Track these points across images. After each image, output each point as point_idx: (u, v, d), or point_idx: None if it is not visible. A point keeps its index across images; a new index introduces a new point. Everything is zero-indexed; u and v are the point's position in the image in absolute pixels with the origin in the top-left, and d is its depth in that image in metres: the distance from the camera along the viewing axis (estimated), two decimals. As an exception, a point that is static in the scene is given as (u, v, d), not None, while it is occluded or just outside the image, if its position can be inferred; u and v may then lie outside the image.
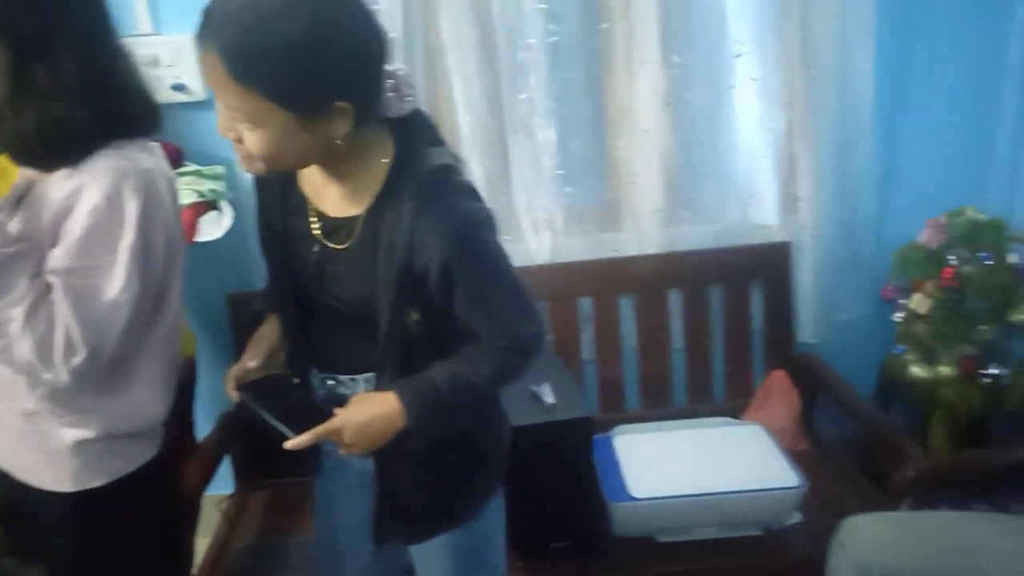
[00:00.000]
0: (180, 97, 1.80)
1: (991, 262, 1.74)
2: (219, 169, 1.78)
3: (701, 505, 1.56)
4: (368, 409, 0.99)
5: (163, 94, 1.77)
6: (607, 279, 2.00)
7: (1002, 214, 1.90)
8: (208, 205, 1.74)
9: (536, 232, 1.98)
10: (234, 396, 1.04)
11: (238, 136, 0.89)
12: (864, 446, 1.94)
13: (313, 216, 1.01)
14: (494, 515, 1.18)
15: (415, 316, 0.97)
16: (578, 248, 2.02)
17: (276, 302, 1.11)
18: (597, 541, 1.62)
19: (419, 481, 1.08)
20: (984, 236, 1.75)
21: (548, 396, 1.59)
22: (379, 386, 1.02)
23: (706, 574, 1.59)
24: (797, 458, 1.72)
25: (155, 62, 1.76)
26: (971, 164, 2.03)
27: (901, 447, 1.59)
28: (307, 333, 1.08)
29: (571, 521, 1.60)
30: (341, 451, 0.99)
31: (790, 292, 2.02)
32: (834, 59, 1.82)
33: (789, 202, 1.99)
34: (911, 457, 1.53)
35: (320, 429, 0.95)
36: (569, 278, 1.99)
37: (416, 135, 0.99)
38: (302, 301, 1.06)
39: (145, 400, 1.08)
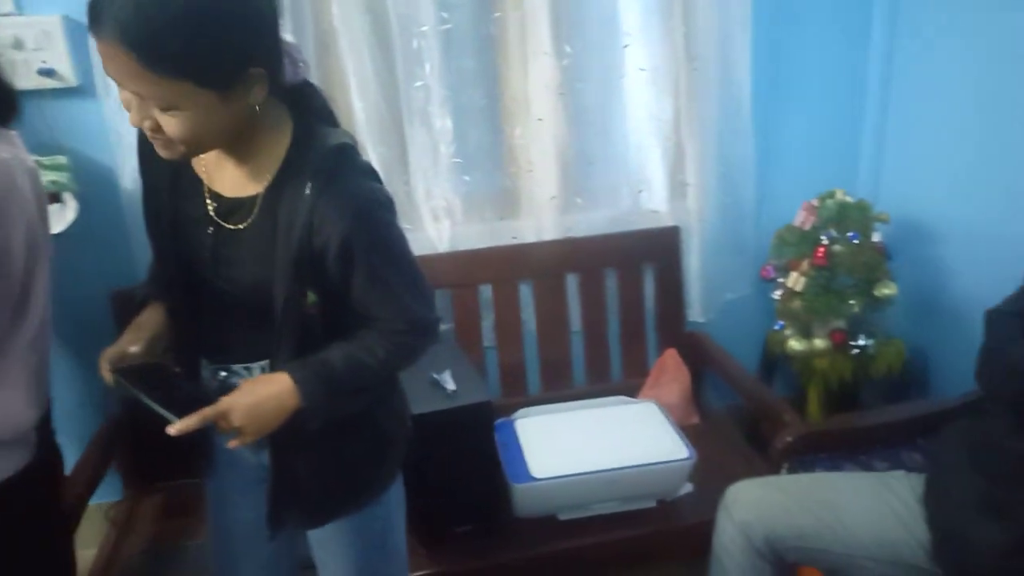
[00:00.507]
0: (49, 83, 1.69)
1: (858, 241, 1.88)
2: (61, 159, 1.68)
3: (599, 482, 1.62)
4: (258, 390, 0.97)
5: (30, 80, 1.66)
6: (507, 266, 2.03)
7: (868, 197, 2.06)
8: (51, 197, 1.63)
9: (436, 221, 1.98)
10: (108, 378, 0.98)
11: (154, 125, 0.85)
12: (749, 417, 2.06)
13: (208, 197, 0.98)
14: (395, 500, 1.19)
15: (313, 299, 0.96)
16: (478, 236, 2.03)
17: (163, 289, 1.07)
18: (499, 523, 1.66)
19: (317, 464, 1.07)
20: (852, 217, 1.89)
21: (449, 383, 1.60)
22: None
23: (604, 548, 1.65)
24: (688, 431, 1.81)
25: (18, 45, 1.64)
26: (840, 151, 2.19)
27: (781, 416, 1.71)
28: (197, 321, 1.04)
29: (473, 505, 1.63)
30: (231, 444, 0.96)
31: (679, 274, 2.11)
32: (715, 51, 1.92)
33: (677, 188, 2.08)
34: (789, 424, 1.65)
35: (207, 411, 0.92)
36: (469, 266, 2.01)
37: (314, 114, 0.98)
38: (192, 287, 1.02)
39: (12, 405, 1.02)
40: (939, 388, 2.04)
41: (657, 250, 2.10)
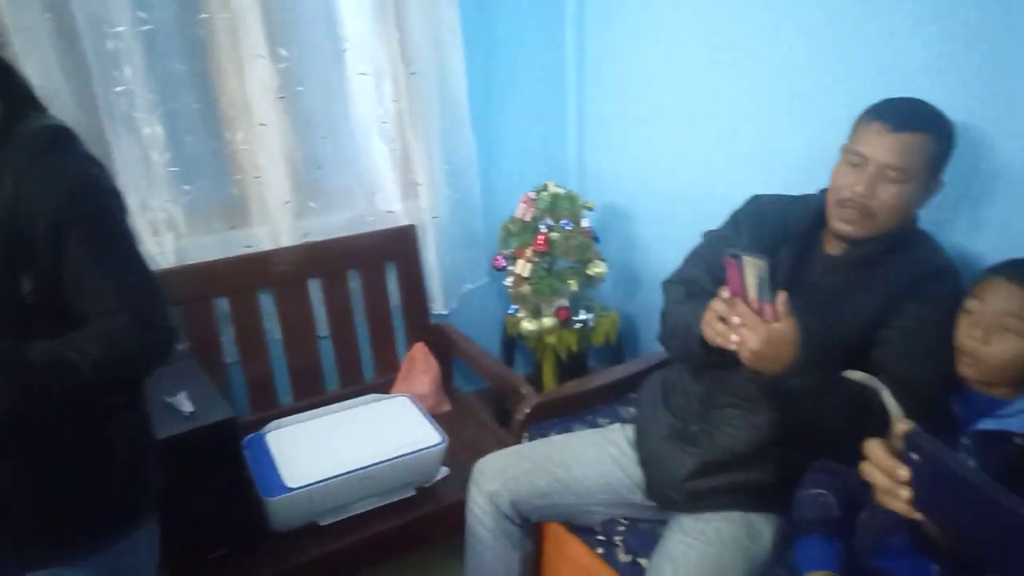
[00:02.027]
0: None
1: (570, 228, 2.11)
2: None
3: (355, 481, 1.65)
4: None
5: None
6: (243, 276, 1.96)
7: (577, 187, 2.31)
8: None
9: (156, 234, 1.85)
10: None
11: None
12: (496, 396, 2.22)
13: None
14: (145, 549, 1.10)
15: (28, 286, 0.87)
16: (207, 247, 1.93)
17: None
18: (256, 541, 1.61)
19: (24, 478, 0.95)
20: (563, 207, 2.11)
21: (186, 405, 1.52)
22: None
23: (368, 544, 1.68)
24: (441, 419, 1.90)
25: None
26: (551, 146, 2.43)
27: (519, 390, 1.87)
28: None
29: (226, 527, 1.57)
30: None
31: (420, 270, 2.20)
32: (430, 56, 2.02)
33: (409, 188, 2.16)
34: (526, 397, 1.81)
35: None
36: (201, 279, 1.90)
37: (24, 98, 0.93)
38: None
39: None
40: (647, 349, 2.37)
41: (396, 249, 2.16)
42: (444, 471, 1.84)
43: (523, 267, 2.11)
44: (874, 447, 0.76)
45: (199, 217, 1.94)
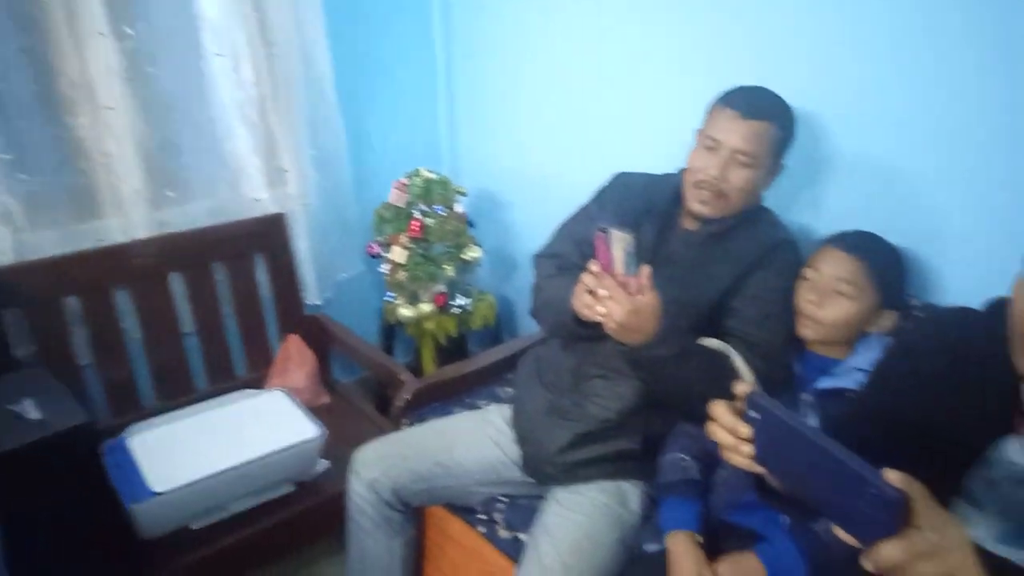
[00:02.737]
0: None
1: (444, 213, 2.11)
2: None
3: (228, 479, 1.58)
4: None
5: None
6: (95, 272, 1.82)
7: (451, 172, 2.32)
8: None
9: (-11, 228, 1.69)
10: None
11: None
12: (376, 385, 2.20)
13: None
14: None
15: None
16: (52, 242, 1.79)
17: None
18: (125, 552, 1.52)
19: None
20: (436, 192, 2.11)
21: (32, 412, 1.40)
22: None
23: (247, 544, 1.62)
24: (319, 411, 1.86)
25: None
26: (423, 131, 2.42)
27: (398, 377, 1.86)
28: None
29: (87, 541, 1.46)
30: None
31: (291, 260, 2.13)
32: (292, 37, 1.95)
33: (276, 175, 2.09)
34: (405, 383, 1.81)
35: None
36: (46, 277, 1.75)
37: None
38: None
39: None
40: (525, 330, 2.42)
41: (265, 238, 2.08)
42: (324, 464, 1.80)
43: (398, 254, 2.09)
44: (718, 408, 0.82)
45: (41, 209, 1.79)
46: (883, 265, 1.33)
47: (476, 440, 1.56)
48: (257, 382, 2.06)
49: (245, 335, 2.11)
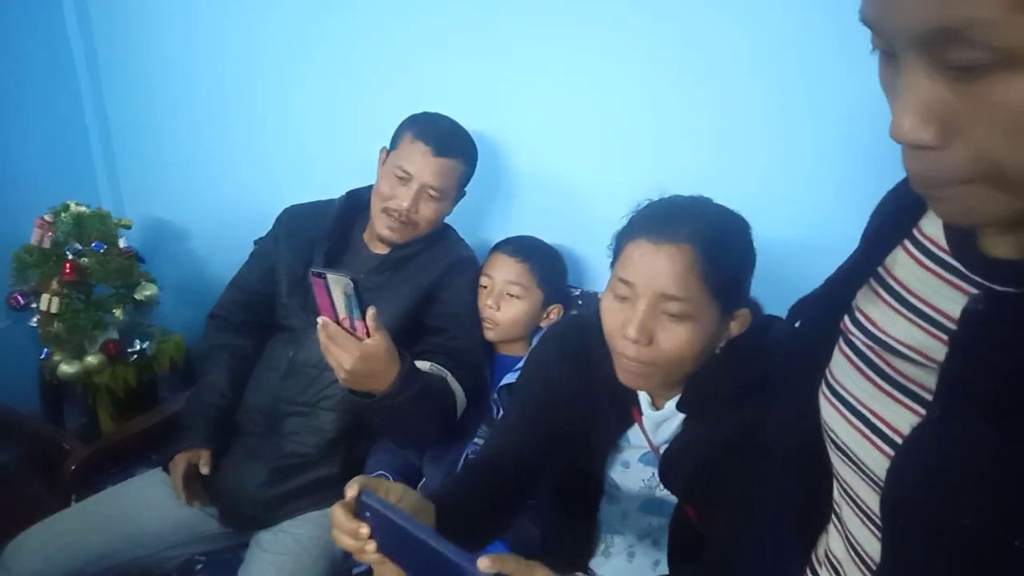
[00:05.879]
0: None
1: (104, 250, 1.86)
2: None
3: None
4: None
5: None
6: None
7: (112, 205, 2.06)
8: None
9: None
10: None
11: None
12: (42, 460, 1.87)
13: None
14: None
15: None
16: None
17: None
18: None
19: None
20: (92, 227, 1.85)
21: None
22: None
23: None
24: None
25: None
26: (73, 163, 2.13)
27: (63, 446, 1.60)
28: None
29: None
30: None
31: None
32: None
33: None
34: (70, 451, 1.57)
35: None
36: None
37: None
38: None
39: None
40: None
41: None
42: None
43: (50, 302, 1.80)
44: (337, 513, 0.80)
45: None
46: (545, 264, 1.46)
47: (163, 500, 1.41)
48: None
49: None
